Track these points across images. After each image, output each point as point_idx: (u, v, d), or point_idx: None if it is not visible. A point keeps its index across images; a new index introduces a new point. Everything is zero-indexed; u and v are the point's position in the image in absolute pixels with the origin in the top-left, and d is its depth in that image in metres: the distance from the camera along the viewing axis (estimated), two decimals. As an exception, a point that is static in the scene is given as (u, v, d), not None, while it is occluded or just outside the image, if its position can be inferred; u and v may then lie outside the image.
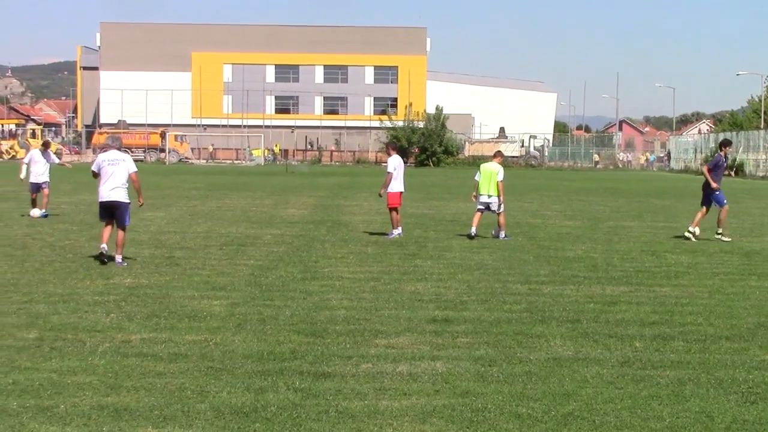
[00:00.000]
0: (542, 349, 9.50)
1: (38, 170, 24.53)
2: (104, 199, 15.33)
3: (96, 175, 15.53)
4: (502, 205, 20.12)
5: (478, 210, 20.34)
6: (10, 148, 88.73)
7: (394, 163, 20.28)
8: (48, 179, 24.77)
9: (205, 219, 23.90)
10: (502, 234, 19.99)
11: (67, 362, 8.62)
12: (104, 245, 15.15)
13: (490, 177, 20.07)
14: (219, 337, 9.78)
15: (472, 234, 19.76)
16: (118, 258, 15.13)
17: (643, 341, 9.89)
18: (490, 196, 20.03)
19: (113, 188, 15.26)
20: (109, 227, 15.46)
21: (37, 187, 24.45)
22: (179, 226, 21.75)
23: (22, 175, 24.93)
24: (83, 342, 9.45)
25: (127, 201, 15.46)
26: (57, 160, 25.79)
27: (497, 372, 8.49)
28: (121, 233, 15.32)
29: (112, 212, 15.40)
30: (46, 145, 26.60)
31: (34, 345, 9.30)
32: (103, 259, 15.13)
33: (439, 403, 7.51)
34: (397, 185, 20.17)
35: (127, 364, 8.58)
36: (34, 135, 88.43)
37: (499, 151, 21.76)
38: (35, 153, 25.20)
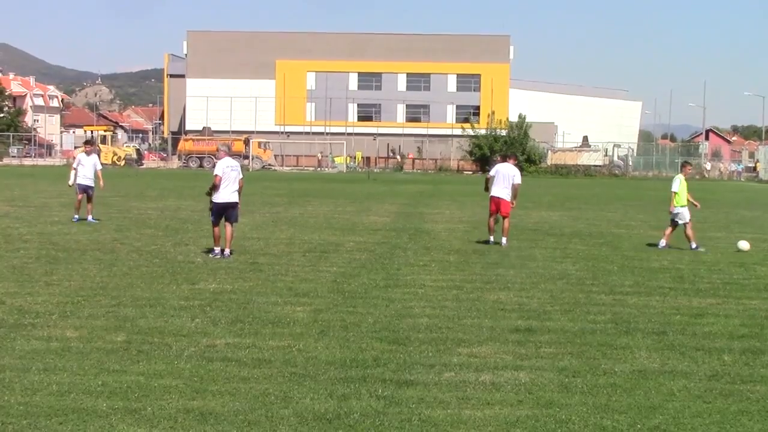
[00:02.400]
0: (627, 360, 9.37)
1: (86, 172, 23.86)
2: (224, 201, 16.93)
3: (220, 179, 16.76)
4: (675, 214, 20.36)
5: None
6: None
7: (495, 169, 20.85)
8: (93, 185, 24.12)
9: (288, 225, 24.09)
10: (693, 245, 20.00)
11: (154, 365, 8.77)
12: (217, 250, 16.89)
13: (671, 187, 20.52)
14: (302, 343, 9.85)
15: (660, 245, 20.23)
16: (227, 251, 16.85)
17: (732, 355, 9.69)
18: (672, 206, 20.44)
19: (232, 191, 17.05)
20: (218, 229, 17.08)
21: (84, 189, 23.77)
22: (263, 232, 21.96)
23: (70, 182, 24.24)
24: (169, 346, 9.61)
25: (238, 201, 17.27)
26: (99, 167, 24.63)
27: (581, 383, 8.40)
28: (231, 229, 17.13)
29: (225, 212, 16.99)
30: (88, 143, 25.89)
31: (122, 348, 9.49)
32: (217, 256, 16.77)
33: (522, 413, 7.45)
34: (494, 189, 20.44)
35: (212, 368, 8.69)
36: (104, 141, 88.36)
37: (686, 161, 22.04)
38: (81, 156, 24.25)
